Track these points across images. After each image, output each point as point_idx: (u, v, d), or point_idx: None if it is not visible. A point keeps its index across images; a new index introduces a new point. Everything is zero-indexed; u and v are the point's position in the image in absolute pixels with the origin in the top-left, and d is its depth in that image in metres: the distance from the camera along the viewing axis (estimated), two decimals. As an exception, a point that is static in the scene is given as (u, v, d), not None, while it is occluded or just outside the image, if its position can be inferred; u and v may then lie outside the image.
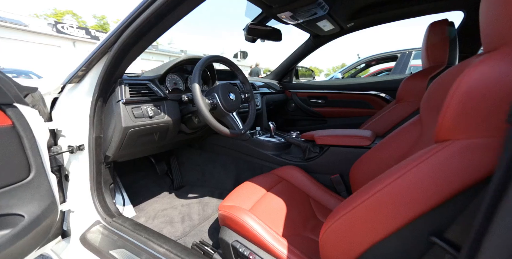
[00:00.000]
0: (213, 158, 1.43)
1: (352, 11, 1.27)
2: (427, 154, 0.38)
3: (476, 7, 1.20)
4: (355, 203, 0.46)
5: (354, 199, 0.47)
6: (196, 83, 0.80)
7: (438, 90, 0.68)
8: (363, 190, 0.47)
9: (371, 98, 1.69)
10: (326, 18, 1.20)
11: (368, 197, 0.44)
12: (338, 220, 0.48)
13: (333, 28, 1.37)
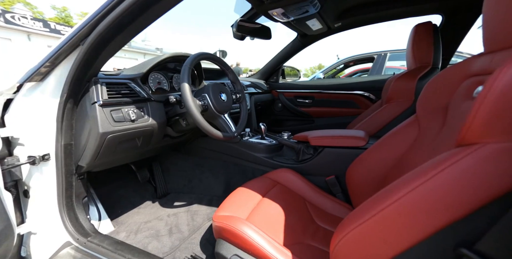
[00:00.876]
0: (201, 162, 1.35)
1: (340, 11, 1.27)
2: (451, 159, 0.35)
3: (454, 11, 1.27)
4: (371, 212, 0.43)
5: (369, 208, 0.44)
6: (186, 83, 0.72)
7: (436, 91, 0.68)
8: (378, 198, 0.44)
9: (357, 97, 1.72)
10: (316, 17, 1.18)
11: (386, 206, 0.41)
12: (352, 231, 0.45)
13: (321, 27, 1.36)
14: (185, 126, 0.92)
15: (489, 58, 0.50)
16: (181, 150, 1.39)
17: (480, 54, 0.57)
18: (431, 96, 0.70)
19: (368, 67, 4.26)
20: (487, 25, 0.52)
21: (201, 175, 1.35)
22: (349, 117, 1.74)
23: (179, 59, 0.96)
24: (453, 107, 0.60)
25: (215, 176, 1.31)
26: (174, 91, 1.05)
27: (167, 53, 0.89)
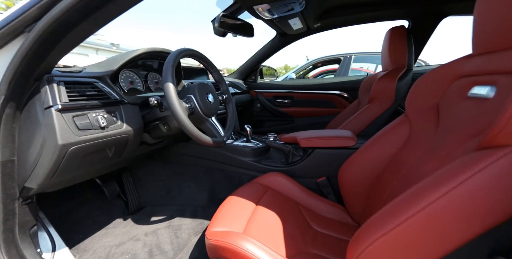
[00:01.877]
0: (181, 170, 1.23)
1: (321, 11, 1.28)
2: (482, 161, 0.34)
3: (419, 17, 1.37)
4: (397, 219, 0.40)
5: (393, 215, 0.41)
6: (170, 83, 0.62)
7: (425, 91, 0.70)
8: (402, 204, 0.41)
9: (334, 97, 1.77)
10: (298, 16, 1.16)
11: (414, 212, 0.38)
12: (377, 240, 0.41)
13: (301, 27, 1.34)
14: (166, 132, 0.80)
15: (483, 59, 0.52)
16: (157, 158, 1.25)
17: (469, 56, 0.59)
18: (419, 96, 0.72)
19: (333, 68, 4.48)
20: (479, 29, 0.54)
21: (182, 184, 1.23)
22: (328, 117, 1.78)
23: (155, 55, 0.84)
24: (446, 107, 0.62)
25: (198, 184, 1.21)
26: (150, 91, 0.92)
27: (142, 48, 0.76)
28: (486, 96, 0.49)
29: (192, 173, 1.21)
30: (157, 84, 0.97)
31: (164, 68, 0.63)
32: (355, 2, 1.23)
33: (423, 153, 0.62)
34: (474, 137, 0.46)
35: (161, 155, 1.24)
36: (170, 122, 0.77)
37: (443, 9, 1.28)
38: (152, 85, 0.94)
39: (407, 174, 0.64)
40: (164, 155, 1.23)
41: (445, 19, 1.34)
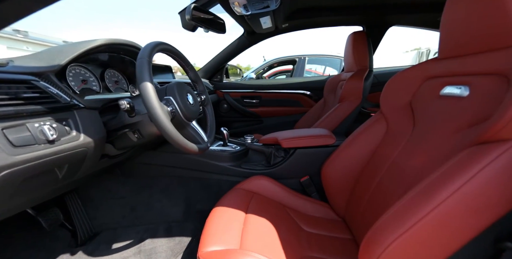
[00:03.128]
0: (148, 183, 1.06)
1: (290, 12, 1.29)
2: (488, 155, 0.37)
3: (371, 24, 1.52)
4: (413, 218, 0.41)
5: (408, 214, 0.42)
6: (149, 83, 0.50)
7: (396, 90, 0.76)
8: (415, 203, 0.42)
9: (301, 97, 1.83)
10: (270, 14, 1.14)
11: (430, 210, 0.39)
12: (396, 240, 0.42)
13: (270, 26, 1.33)
14: (137, 140, 0.67)
15: (453, 62, 0.58)
16: (116, 172, 1.05)
17: (436, 59, 0.66)
18: (392, 95, 0.78)
19: (287, 68, 4.69)
20: (446, 37, 0.61)
21: (150, 199, 1.07)
22: (295, 116, 1.83)
23: (116, 48, 0.69)
24: (420, 105, 0.68)
25: (170, 197, 1.07)
26: (108, 92, 0.75)
27: (100, 39, 0.61)
28: (460, 95, 0.55)
29: (163, 185, 1.06)
30: (117, 83, 0.81)
31: (139, 65, 0.51)
32: (321, 6, 1.28)
33: (405, 148, 0.67)
34: (457, 132, 0.51)
35: (121, 169, 1.05)
36: (143, 129, 0.64)
37: (388, 19, 1.45)
38: (111, 85, 0.77)
39: (392, 168, 0.68)
40: (125, 168, 1.04)
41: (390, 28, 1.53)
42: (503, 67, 0.45)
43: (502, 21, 0.44)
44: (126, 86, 0.85)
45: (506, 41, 0.45)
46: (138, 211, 1.08)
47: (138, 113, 0.62)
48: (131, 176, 1.06)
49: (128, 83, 0.85)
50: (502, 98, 0.44)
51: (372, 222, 0.68)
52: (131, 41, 0.70)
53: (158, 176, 1.06)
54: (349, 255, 0.71)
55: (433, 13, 1.30)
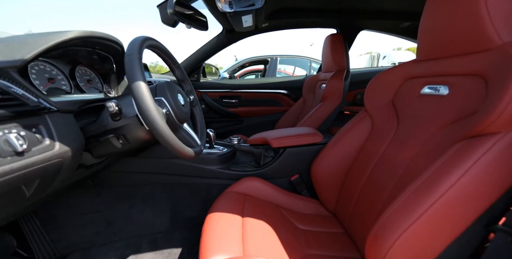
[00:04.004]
0: (127, 193, 0.96)
1: (270, 11, 1.29)
2: (481, 148, 0.41)
3: (344, 27, 1.61)
4: (419, 210, 0.43)
5: (412, 206, 0.45)
6: (142, 82, 0.45)
7: (378, 90, 0.82)
8: (418, 195, 0.45)
9: (279, 96, 1.85)
10: (252, 13, 1.12)
11: (434, 201, 0.42)
12: (404, 232, 0.44)
13: (251, 25, 1.32)
14: (122, 147, 0.59)
15: (432, 64, 0.64)
16: (87, 184, 0.93)
17: (414, 61, 0.72)
18: (374, 94, 0.83)
19: (258, 68, 4.73)
20: (424, 41, 0.66)
21: (130, 210, 0.97)
22: (275, 115, 1.85)
23: (93, 42, 0.59)
24: (402, 104, 0.73)
25: (154, 206, 0.98)
26: (81, 92, 0.65)
27: (74, 31, 0.51)
28: (441, 94, 0.61)
29: (145, 194, 0.97)
30: (90, 82, 0.71)
31: (129, 62, 0.45)
32: (300, 7, 1.31)
33: (391, 144, 0.72)
34: (442, 128, 0.57)
35: (94, 179, 0.93)
36: (129, 134, 0.57)
37: (359, 23, 1.56)
38: (83, 84, 0.67)
39: (381, 163, 0.72)
40: (99, 178, 0.92)
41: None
42: (480, 69, 0.51)
43: (478, 27, 0.50)
44: (101, 86, 0.75)
45: (482, 45, 0.51)
46: (117, 225, 0.97)
47: (124, 116, 0.55)
48: (107, 186, 0.95)
49: (102, 82, 0.76)
50: (480, 96, 0.49)
51: (364, 215, 0.72)
52: (110, 35, 0.62)
53: (139, 185, 0.97)
54: (345, 248, 0.74)
55: (397, 21, 1.43)
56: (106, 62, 0.72)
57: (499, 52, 0.47)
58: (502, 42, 0.48)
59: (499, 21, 0.48)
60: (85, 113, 0.59)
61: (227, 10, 0.92)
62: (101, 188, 0.96)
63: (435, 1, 0.60)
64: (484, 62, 0.50)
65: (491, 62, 0.48)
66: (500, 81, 0.44)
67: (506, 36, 0.48)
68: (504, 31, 0.48)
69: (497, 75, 0.46)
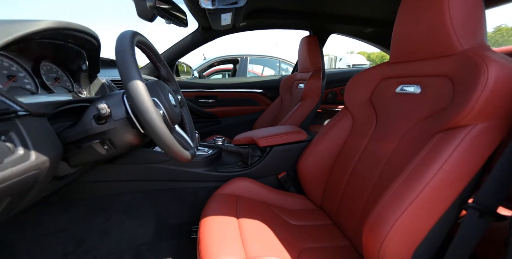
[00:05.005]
0: (102, 205, 0.86)
1: (249, 10, 1.28)
2: (455, 139, 0.48)
3: (316, 30, 1.70)
4: (408, 198, 0.49)
5: (401, 196, 0.50)
6: (139, 81, 0.40)
7: (356, 89, 0.89)
8: (405, 186, 0.50)
9: (256, 95, 1.87)
10: (232, 11, 1.11)
11: (421, 189, 0.48)
12: (398, 220, 0.49)
13: (229, 23, 1.30)
14: (106, 153, 0.53)
15: (404, 66, 0.72)
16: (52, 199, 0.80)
17: (388, 63, 0.80)
18: (353, 93, 0.90)
19: (227, 67, 4.69)
20: (396, 45, 0.74)
21: (106, 224, 0.87)
22: (252, 114, 1.86)
23: (66, 35, 0.51)
24: (379, 101, 0.81)
25: (135, 216, 0.90)
26: (48, 92, 0.56)
27: (45, 21, 0.43)
28: (414, 92, 0.68)
29: (123, 203, 0.89)
30: (58, 81, 0.62)
31: (121, 59, 0.40)
32: (277, 8, 1.34)
33: (372, 138, 0.79)
34: (418, 122, 0.64)
35: (59, 193, 0.82)
36: (117, 138, 0.51)
37: (329, 27, 1.66)
38: (50, 83, 0.57)
39: (364, 156, 0.79)
40: (66, 191, 0.81)
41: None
42: (446, 71, 0.59)
43: (443, 35, 0.58)
44: (70, 85, 0.66)
45: (447, 51, 0.59)
46: (90, 242, 0.86)
47: (110, 119, 0.49)
48: (76, 200, 0.83)
49: (72, 81, 0.66)
50: (448, 94, 0.57)
51: (350, 206, 0.77)
52: (87, 27, 0.54)
53: (116, 194, 0.88)
54: (335, 238, 0.78)
55: (361, 26, 1.56)
56: (78, 58, 0.63)
57: (461, 57, 0.55)
58: (463, 48, 0.56)
59: (460, 30, 0.56)
60: (59, 116, 0.52)
61: (208, 7, 0.89)
62: (68, 202, 0.84)
63: (406, 10, 0.67)
64: (449, 65, 0.58)
65: (455, 65, 0.57)
66: (465, 82, 0.51)
67: (466, 44, 0.56)
68: (464, 39, 0.56)
69: (461, 77, 0.54)
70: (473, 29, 0.56)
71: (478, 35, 0.56)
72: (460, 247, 0.49)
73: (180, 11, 0.94)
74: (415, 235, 0.49)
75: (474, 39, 0.56)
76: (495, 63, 0.46)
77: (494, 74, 0.45)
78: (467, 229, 0.49)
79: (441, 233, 0.52)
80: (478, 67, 0.48)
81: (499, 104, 0.46)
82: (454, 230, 0.51)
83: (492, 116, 0.47)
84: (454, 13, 0.55)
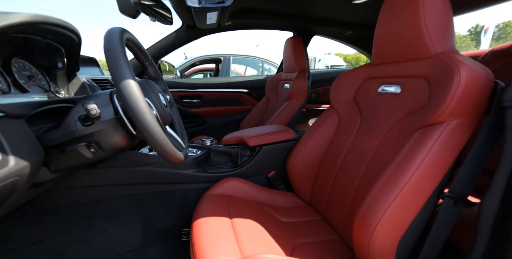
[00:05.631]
0: (82, 212, 0.80)
1: (234, 10, 1.28)
2: (434, 134, 0.52)
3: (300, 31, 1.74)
4: (394, 191, 0.52)
5: (388, 189, 0.53)
6: (132, 80, 0.38)
7: (341, 89, 0.92)
8: (391, 180, 0.54)
9: (242, 95, 1.86)
10: (218, 10, 1.10)
11: (405, 182, 0.52)
12: (386, 212, 0.52)
13: (214, 22, 1.28)
14: (92, 156, 0.49)
15: (385, 67, 0.77)
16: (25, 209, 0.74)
17: (370, 64, 0.85)
18: (338, 93, 0.93)
19: (208, 67, 4.63)
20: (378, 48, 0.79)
21: (88, 232, 0.81)
22: (239, 114, 1.86)
23: (44, 30, 0.47)
24: (363, 100, 0.85)
25: (120, 222, 0.86)
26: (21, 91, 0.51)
27: (22, 13, 0.39)
28: (394, 92, 0.73)
29: (107, 209, 0.84)
30: (32, 80, 0.57)
31: (112, 57, 0.38)
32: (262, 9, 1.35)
33: (358, 135, 0.83)
34: (399, 120, 0.69)
35: (32, 202, 0.75)
36: (104, 141, 0.48)
37: (312, 28, 1.71)
38: (23, 81, 0.53)
39: (351, 153, 0.82)
40: (39, 201, 0.75)
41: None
42: (423, 73, 0.64)
43: (419, 40, 0.62)
44: (46, 84, 0.61)
45: (423, 54, 0.64)
46: (70, 253, 0.81)
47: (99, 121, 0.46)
48: (52, 209, 0.77)
49: (48, 80, 0.62)
50: (425, 94, 0.62)
51: (338, 201, 0.81)
52: (67, 22, 0.50)
53: (99, 200, 0.83)
54: (325, 233, 0.81)
55: (342, 29, 1.63)
56: (55, 55, 0.59)
57: (435, 60, 0.60)
58: (436, 52, 0.61)
59: (434, 35, 0.61)
60: (37, 118, 0.48)
61: (195, 5, 0.87)
62: (43, 211, 0.78)
63: (386, 16, 0.72)
64: (426, 67, 0.63)
65: (430, 67, 0.61)
66: (440, 83, 0.56)
67: (439, 48, 0.62)
68: (437, 43, 0.61)
69: (436, 78, 0.59)
70: (444, 35, 0.61)
71: (449, 40, 0.62)
72: (438, 233, 0.53)
73: (164, 8, 0.91)
74: (401, 225, 0.53)
75: (445, 43, 0.61)
76: (465, 66, 0.51)
77: (465, 76, 0.50)
78: (443, 216, 0.54)
79: (422, 222, 0.56)
80: (451, 70, 0.53)
81: (470, 102, 0.51)
82: (432, 219, 0.56)
83: (464, 113, 0.52)
84: (428, 20, 0.60)
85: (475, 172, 0.51)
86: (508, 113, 0.42)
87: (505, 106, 0.43)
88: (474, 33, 32.81)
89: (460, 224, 0.58)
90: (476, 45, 26.73)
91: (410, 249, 0.56)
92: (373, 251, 0.53)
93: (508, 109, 0.42)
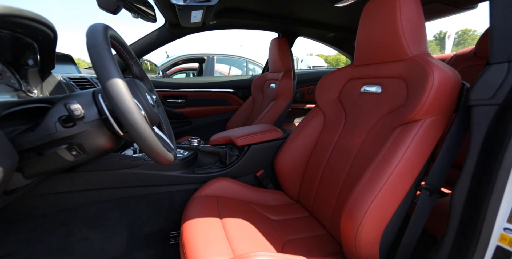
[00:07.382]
0: (60, 220, 0.75)
1: (219, 9, 1.27)
2: (412, 131, 0.56)
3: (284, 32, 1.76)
4: (378, 186, 0.55)
5: (372, 184, 0.56)
6: (120, 79, 0.37)
7: (326, 88, 0.96)
8: (374, 176, 0.57)
9: (228, 95, 1.85)
10: (203, 9, 1.08)
11: (388, 177, 0.55)
12: (371, 205, 0.55)
13: (199, 21, 1.26)
14: (74, 159, 0.47)
15: (367, 68, 0.80)
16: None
17: (352, 65, 0.88)
18: (323, 93, 0.96)
19: (191, 66, 4.55)
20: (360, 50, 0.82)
21: (67, 241, 0.76)
22: (225, 114, 1.84)
23: (15, 23, 0.43)
24: (347, 100, 0.89)
25: (103, 228, 0.81)
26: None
27: None
28: (376, 92, 0.77)
29: (88, 216, 0.79)
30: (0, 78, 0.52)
31: (96, 55, 0.36)
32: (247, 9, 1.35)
33: (343, 133, 0.86)
34: (381, 118, 0.72)
35: (2, 211, 0.69)
36: (87, 143, 0.46)
37: (295, 30, 1.74)
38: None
39: (337, 150, 0.85)
40: (8, 209, 0.69)
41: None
42: (401, 74, 0.68)
43: (396, 43, 0.66)
44: (16, 82, 0.56)
45: (400, 56, 0.68)
46: None
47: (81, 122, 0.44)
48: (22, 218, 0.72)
49: (18, 78, 0.57)
50: (404, 93, 0.66)
51: (326, 197, 0.83)
52: (42, 16, 0.46)
53: (78, 206, 0.78)
54: (313, 229, 0.84)
55: (324, 31, 1.68)
56: (27, 52, 0.55)
57: (411, 62, 0.65)
58: (412, 55, 0.66)
59: (410, 39, 0.65)
60: (7, 119, 0.44)
61: (179, 3, 0.85)
62: (14, 221, 0.72)
63: (366, 20, 0.75)
64: (403, 68, 0.67)
65: (407, 69, 0.66)
66: (416, 84, 0.60)
67: (414, 51, 0.66)
68: (412, 47, 0.66)
69: (413, 79, 0.63)
70: (419, 39, 0.66)
71: (422, 44, 0.67)
72: (416, 222, 0.58)
73: (147, 5, 0.88)
74: (384, 216, 0.56)
75: (420, 47, 0.66)
76: (438, 68, 0.55)
77: (438, 77, 0.54)
78: (421, 206, 0.58)
79: (402, 213, 0.60)
80: (425, 71, 0.57)
81: (442, 101, 0.56)
82: (410, 210, 0.60)
83: (438, 111, 0.56)
84: (404, 25, 0.64)
85: (447, 165, 0.56)
86: (473, 111, 0.47)
87: (470, 104, 0.48)
88: (438, 38, 35.58)
89: (435, 214, 0.63)
90: (440, 49, 29.02)
91: (392, 239, 0.59)
92: (360, 243, 0.56)
93: (473, 107, 0.47)
